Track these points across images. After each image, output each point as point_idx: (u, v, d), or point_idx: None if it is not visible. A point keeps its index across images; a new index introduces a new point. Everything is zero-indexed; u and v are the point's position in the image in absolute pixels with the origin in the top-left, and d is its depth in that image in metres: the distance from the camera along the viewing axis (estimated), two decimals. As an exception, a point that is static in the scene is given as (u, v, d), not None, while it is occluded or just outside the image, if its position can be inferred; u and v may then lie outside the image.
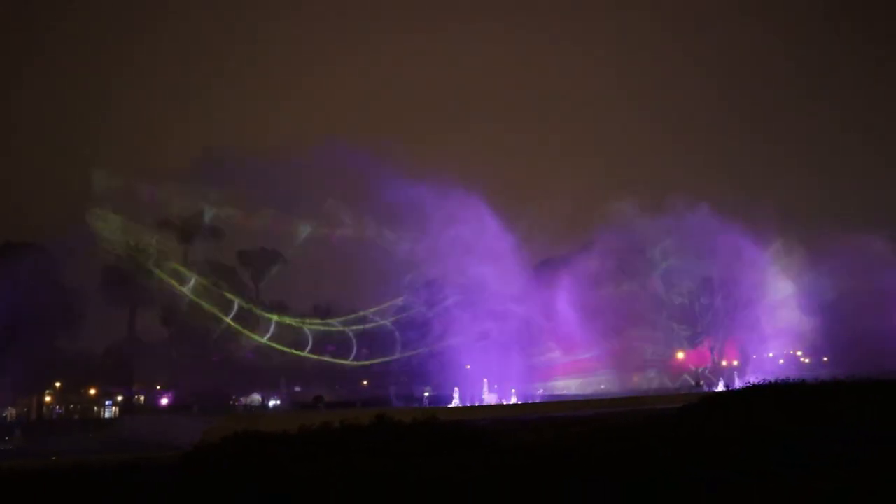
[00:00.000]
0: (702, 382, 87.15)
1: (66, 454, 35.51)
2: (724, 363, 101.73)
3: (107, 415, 76.86)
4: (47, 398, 78.13)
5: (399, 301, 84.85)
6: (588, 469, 12.46)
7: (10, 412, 73.04)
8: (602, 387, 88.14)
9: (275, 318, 76.68)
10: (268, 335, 76.72)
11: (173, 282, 76.03)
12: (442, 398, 73.82)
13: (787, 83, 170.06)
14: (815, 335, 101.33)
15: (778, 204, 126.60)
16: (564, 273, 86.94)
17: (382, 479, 11.10)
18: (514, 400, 74.03)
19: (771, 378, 27.38)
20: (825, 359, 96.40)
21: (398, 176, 77.58)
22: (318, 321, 79.72)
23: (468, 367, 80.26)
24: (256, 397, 79.75)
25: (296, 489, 11.03)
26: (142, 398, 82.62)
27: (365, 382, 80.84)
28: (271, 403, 76.40)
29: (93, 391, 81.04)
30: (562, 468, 12.30)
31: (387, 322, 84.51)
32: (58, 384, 78.18)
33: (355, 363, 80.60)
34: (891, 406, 18.12)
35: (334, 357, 79.39)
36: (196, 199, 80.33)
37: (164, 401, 76.61)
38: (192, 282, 75.84)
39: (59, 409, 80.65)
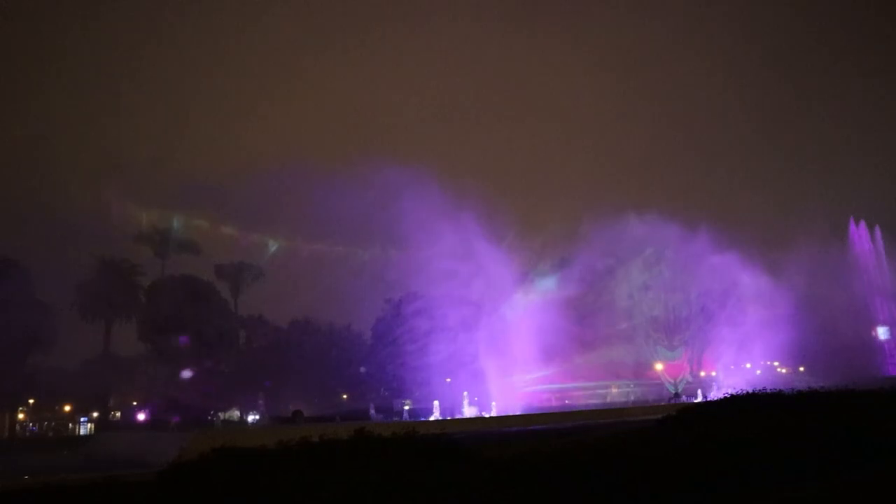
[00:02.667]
0: (681, 393, 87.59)
1: (39, 473, 34.88)
2: (702, 374, 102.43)
3: (82, 432, 75.65)
4: (20, 415, 76.79)
5: (378, 313, 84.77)
6: (575, 476, 12.47)
7: (-18, 430, 71.77)
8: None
9: None
10: None
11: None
12: (422, 411, 73.61)
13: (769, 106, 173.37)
14: (791, 345, 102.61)
15: (756, 216, 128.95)
16: (542, 284, 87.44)
17: (372, 488, 11.02)
18: (493, 412, 73.90)
19: (748, 389, 27.59)
20: (801, 368, 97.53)
21: (381, 188, 77.82)
22: None
23: (448, 380, 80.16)
24: (235, 412, 78.95)
25: (281, 500, 10.93)
26: (118, 414, 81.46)
27: (344, 396, 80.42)
28: (250, 418, 75.63)
29: (67, 408, 79.79)
30: (548, 476, 12.30)
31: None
32: (31, 401, 76.89)
33: None
34: (866, 415, 18.38)
35: None
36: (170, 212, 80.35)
37: (141, 417, 75.57)
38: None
39: (33, 426, 79.31)
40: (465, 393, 76.94)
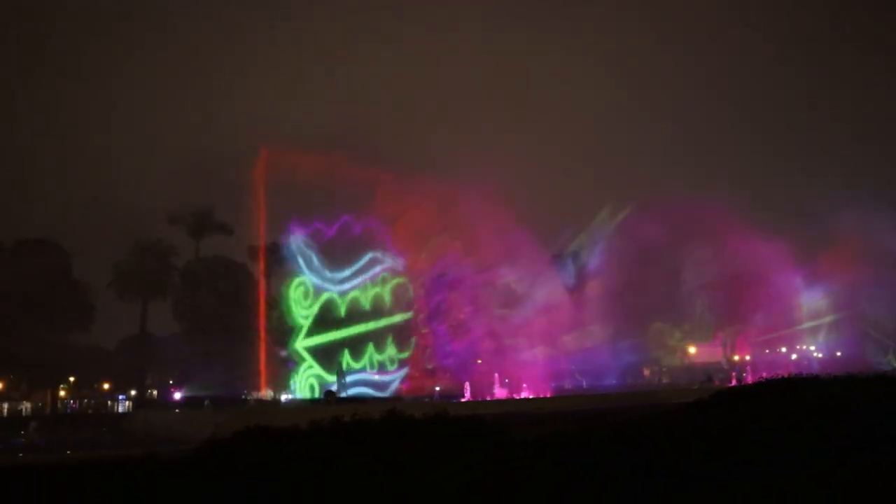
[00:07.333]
0: (713, 377, 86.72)
1: (79, 448, 35.87)
2: (735, 358, 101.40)
3: (120, 409, 77.35)
4: (61, 392, 78.76)
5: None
6: (603, 458, 12.48)
7: (26, 406, 73.82)
8: None
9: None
10: None
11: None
12: (453, 393, 73.99)
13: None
14: (828, 330, 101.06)
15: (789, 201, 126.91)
16: (574, 266, 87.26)
17: (404, 468, 11.13)
18: (525, 394, 74.10)
19: (783, 374, 27.25)
20: (838, 354, 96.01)
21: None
22: None
23: (479, 361, 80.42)
24: (269, 392, 79.95)
25: (313, 477, 11.07)
26: (154, 392, 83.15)
27: (376, 377, 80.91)
28: (283, 398, 76.55)
29: (106, 386, 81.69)
30: (574, 456, 12.32)
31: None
32: (72, 379, 78.79)
33: None
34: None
35: None
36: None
37: (177, 395, 77.00)
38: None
39: (74, 403, 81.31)
40: (496, 374, 77.21)
